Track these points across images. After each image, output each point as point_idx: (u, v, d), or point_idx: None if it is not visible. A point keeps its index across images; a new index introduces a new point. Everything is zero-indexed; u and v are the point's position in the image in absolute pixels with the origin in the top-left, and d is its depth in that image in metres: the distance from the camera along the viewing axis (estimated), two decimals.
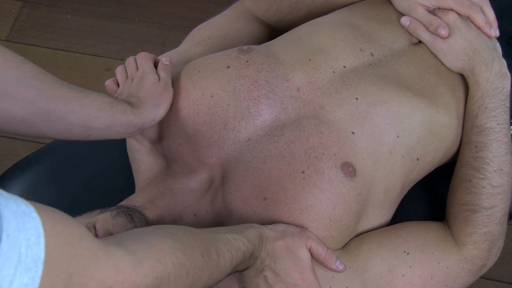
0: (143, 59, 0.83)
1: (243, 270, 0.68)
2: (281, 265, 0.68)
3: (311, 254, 0.70)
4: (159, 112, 0.76)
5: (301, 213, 0.71)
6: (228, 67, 0.78)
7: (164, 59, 0.83)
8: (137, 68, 0.82)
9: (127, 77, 0.82)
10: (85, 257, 0.42)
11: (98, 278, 0.43)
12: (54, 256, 0.38)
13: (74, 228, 0.42)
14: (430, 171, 0.84)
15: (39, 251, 0.37)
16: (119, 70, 0.84)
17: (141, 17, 1.83)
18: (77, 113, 0.66)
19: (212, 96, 0.77)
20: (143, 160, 0.83)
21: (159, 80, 0.78)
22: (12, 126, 0.64)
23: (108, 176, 0.94)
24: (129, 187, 0.86)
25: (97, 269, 0.43)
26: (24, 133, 0.66)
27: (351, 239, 0.76)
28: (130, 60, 0.84)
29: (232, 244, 0.62)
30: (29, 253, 0.36)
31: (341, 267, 0.70)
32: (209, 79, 0.78)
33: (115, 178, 0.93)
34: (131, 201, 0.76)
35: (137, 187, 0.84)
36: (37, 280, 0.37)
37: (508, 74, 0.82)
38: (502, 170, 0.77)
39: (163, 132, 0.80)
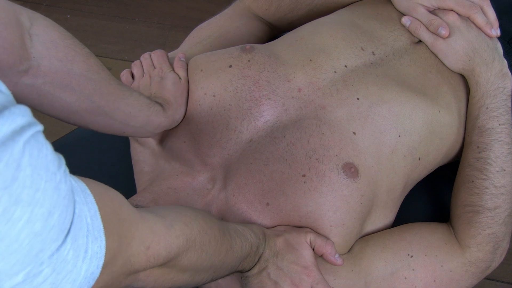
0: (160, 56, 0.84)
1: (246, 271, 0.68)
2: (283, 261, 0.68)
3: (312, 248, 0.70)
4: (182, 113, 0.78)
5: (300, 220, 0.71)
6: (230, 66, 0.78)
7: (180, 55, 0.84)
8: (153, 65, 0.83)
9: (143, 72, 0.83)
10: (127, 221, 0.46)
11: (138, 239, 0.47)
12: (107, 224, 0.41)
13: (114, 197, 0.46)
14: (432, 170, 0.84)
15: (99, 222, 0.40)
16: (136, 65, 0.85)
17: (141, 17, 1.83)
18: (121, 110, 0.69)
19: (214, 96, 0.77)
20: (146, 161, 0.83)
21: (179, 78, 0.80)
22: (64, 115, 0.66)
23: (108, 177, 0.94)
24: (129, 188, 0.86)
25: (136, 231, 0.47)
26: (71, 122, 0.68)
27: (356, 241, 0.76)
28: (145, 56, 0.86)
29: (240, 232, 0.64)
30: (93, 224, 0.39)
31: (339, 261, 0.70)
32: (211, 78, 0.78)
33: (116, 178, 0.93)
34: (134, 200, 0.76)
35: (139, 188, 0.84)
36: (103, 248, 0.40)
37: (509, 74, 0.82)
38: (504, 170, 0.77)
39: (167, 131, 0.81)
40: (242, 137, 0.75)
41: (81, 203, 0.39)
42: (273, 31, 1.02)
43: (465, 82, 0.84)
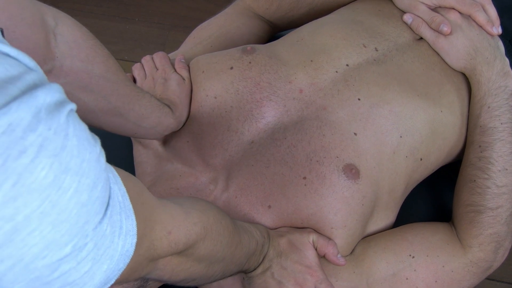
0: (163, 58, 0.84)
1: (250, 272, 0.68)
2: (287, 261, 0.68)
3: (315, 248, 0.70)
4: (187, 113, 0.79)
5: (301, 223, 0.71)
6: (232, 68, 0.78)
7: (179, 57, 0.85)
8: (155, 67, 0.83)
9: (145, 75, 0.83)
10: (150, 205, 0.47)
11: (161, 223, 0.48)
12: (134, 206, 0.41)
13: (136, 183, 0.46)
14: (434, 171, 0.83)
15: (129, 202, 0.41)
16: (137, 67, 0.86)
17: (141, 17, 1.83)
18: (135, 111, 0.70)
19: (215, 97, 0.77)
20: (149, 162, 0.83)
21: (183, 79, 0.80)
22: (80, 115, 0.67)
23: None
24: None
25: (158, 215, 0.48)
26: (86, 122, 0.70)
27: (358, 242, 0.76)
28: (147, 59, 0.86)
29: (247, 229, 0.64)
30: (125, 203, 0.40)
31: (342, 261, 0.70)
32: (213, 80, 0.78)
33: None
34: None
35: None
36: (135, 226, 0.41)
37: (511, 72, 0.82)
38: (507, 169, 0.77)
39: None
40: (243, 138, 0.75)
41: (112, 181, 0.39)
42: (274, 30, 1.02)
43: (468, 81, 0.84)
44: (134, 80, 0.85)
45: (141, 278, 0.51)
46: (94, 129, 0.72)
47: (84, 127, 0.36)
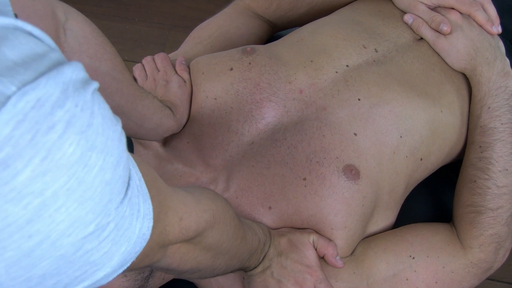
0: (164, 59, 0.84)
1: (250, 270, 0.68)
2: (287, 260, 0.68)
3: (315, 248, 0.70)
4: (187, 115, 0.79)
5: (302, 224, 0.71)
6: (231, 69, 0.78)
7: (180, 58, 0.85)
8: (157, 68, 0.83)
9: (146, 76, 0.84)
10: (163, 191, 0.47)
11: (173, 209, 0.48)
12: (149, 190, 0.41)
13: (149, 168, 0.46)
14: (434, 171, 0.83)
15: (145, 186, 0.41)
16: (138, 68, 0.85)
17: (141, 17, 1.82)
18: (137, 111, 0.69)
19: (215, 99, 0.77)
20: (149, 163, 0.83)
21: (184, 81, 0.81)
22: None
23: None
24: None
25: (171, 201, 0.48)
26: None
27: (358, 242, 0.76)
28: (148, 59, 0.85)
29: (251, 226, 0.64)
30: (142, 187, 0.40)
31: (340, 263, 0.70)
32: (213, 81, 0.78)
33: None
34: None
35: None
36: (151, 210, 0.41)
37: (511, 73, 0.82)
38: (507, 170, 0.77)
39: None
40: (243, 139, 0.75)
41: (131, 164, 0.39)
42: (273, 29, 1.02)
43: (469, 81, 0.84)
44: (135, 80, 0.85)
45: (150, 265, 0.50)
46: None
47: (107, 106, 0.36)
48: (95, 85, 0.34)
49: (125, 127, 0.71)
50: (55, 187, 0.30)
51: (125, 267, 0.39)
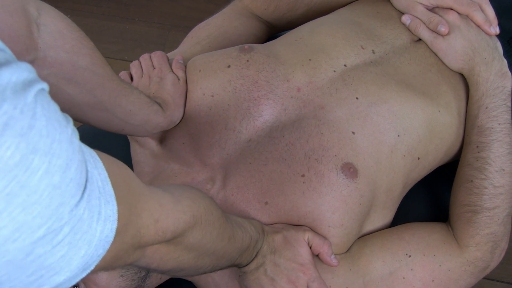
0: (160, 57, 0.84)
1: (243, 267, 0.68)
2: (281, 258, 0.68)
3: (309, 247, 0.70)
4: (181, 114, 0.78)
5: (298, 220, 0.71)
6: (229, 66, 0.78)
7: (178, 57, 0.85)
8: (153, 66, 0.83)
9: (142, 73, 0.84)
10: (137, 192, 0.45)
11: (148, 210, 0.47)
12: (117, 192, 0.40)
13: (123, 168, 0.45)
14: (432, 170, 0.83)
15: (110, 188, 0.39)
16: (134, 65, 0.86)
17: (141, 17, 1.83)
18: (122, 107, 0.69)
19: (212, 96, 0.77)
20: (146, 162, 0.83)
21: (178, 79, 0.80)
22: (66, 108, 0.68)
23: None
24: None
25: (146, 203, 0.46)
26: (72, 117, 0.70)
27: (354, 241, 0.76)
28: (145, 57, 0.85)
29: (241, 224, 0.64)
30: (104, 188, 0.39)
31: (335, 261, 0.70)
32: (210, 79, 0.78)
33: None
34: None
35: None
36: (115, 212, 0.39)
37: (509, 73, 0.82)
38: (504, 170, 0.77)
39: (166, 133, 0.81)
40: (241, 137, 0.75)
41: (91, 165, 0.38)
42: (272, 30, 1.02)
43: (466, 82, 0.84)
44: (131, 78, 0.86)
45: (126, 265, 0.50)
46: (95, 129, 0.73)
47: (54, 108, 0.34)
48: (40, 86, 0.33)
49: (110, 123, 0.71)
50: None
51: (88, 271, 0.38)
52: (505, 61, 0.82)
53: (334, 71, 0.78)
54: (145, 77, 0.83)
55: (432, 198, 0.91)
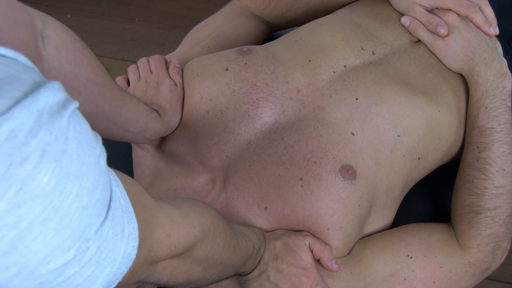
0: (158, 61, 0.84)
1: (246, 275, 0.68)
2: (283, 263, 0.68)
3: (311, 251, 0.70)
4: (178, 119, 0.79)
5: (298, 225, 0.71)
6: (227, 69, 0.78)
7: (174, 61, 0.84)
8: (150, 70, 0.83)
9: (139, 77, 0.83)
10: (149, 208, 0.46)
11: (160, 226, 0.47)
12: (134, 208, 0.41)
13: (136, 185, 0.46)
14: (432, 170, 0.83)
15: (130, 205, 0.40)
16: (132, 69, 0.85)
17: (141, 17, 1.83)
18: (122, 115, 0.69)
19: (210, 100, 0.77)
20: (147, 164, 0.83)
21: (175, 85, 0.80)
22: None
23: None
24: None
25: (158, 218, 0.47)
26: None
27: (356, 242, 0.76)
28: (143, 61, 0.85)
29: (244, 233, 0.64)
30: (126, 206, 0.40)
31: (335, 267, 0.70)
32: (208, 82, 0.78)
33: None
34: None
35: None
36: (136, 230, 0.40)
37: (509, 73, 0.81)
38: (504, 170, 0.77)
39: (165, 136, 0.81)
40: (240, 139, 0.75)
41: (114, 184, 0.39)
42: (271, 29, 1.02)
43: (466, 82, 0.84)
44: (128, 82, 0.85)
45: (139, 281, 0.51)
46: None
47: (85, 128, 0.35)
48: (73, 106, 0.34)
49: (110, 132, 0.72)
50: (30, 217, 0.30)
51: None
52: (505, 61, 0.82)
53: (334, 72, 0.78)
54: (142, 82, 0.83)
55: (432, 198, 0.91)
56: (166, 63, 0.86)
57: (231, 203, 0.73)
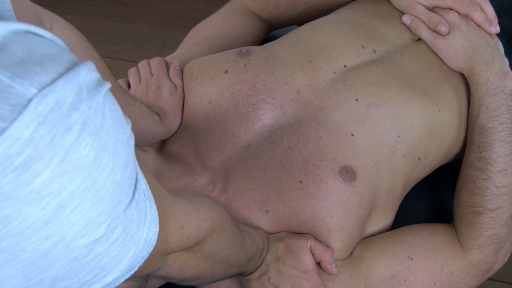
0: (159, 64, 0.84)
1: (248, 275, 0.68)
2: (284, 265, 0.68)
3: (312, 254, 0.70)
4: (178, 122, 0.79)
5: (299, 227, 0.71)
6: (226, 71, 0.78)
7: (175, 64, 0.84)
8: (151, 73, 0.83)
9: (140, 80, 0.83)
10: (164, 198, 0.47)
11: (174, 217, 0.48)
12: (153, 196, 0.42)
13: (151, 175, 0.46)
14: (433, 170, 0.83)
15: (150, 192, 0.41)
16: (132, 72, 0.85)
17: (141, 17, 1.82)
18: None
19: (210, 102, 0.77)
20: (148, 166, 0.83)
21: (175, 88, 0.80)
22: None
23: None
24: None
25: (172, 209, 0.48)
26: None
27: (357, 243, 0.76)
28: (143, 64, 0.85)
29: (249, 232, 0.64)
30: (147, 192, 0.40)
31: (335, 270, 0.70)
32: (207, 85, 0.78)
33: None
34: None
35: None
36: (157, 216, 0.41)
37: (510, 72, 0.81)
38: (506, 170, 0.76)
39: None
40: (240, 141, 0.75)
41: (138, 169, 0.39)
42: (271, 28, 1.01)
43: (467, 81, 0.84)
44: (129, 84, 0.85)
45: (148, 275, 0.50)
46: None
47: (118, 108, 0.36)
48: (107, 86, 0.35)
49: None
50: (71, 187, 0.31)
51: (132, 272, 0.39)
52: (506, 61, 0.82)
53: (334, 72, 0.78)
54: (142, 85, 0.83)
55: (433, 199, 0.91)
56: (167, 65, 0.86)
57: (233, 205, 0.73)
